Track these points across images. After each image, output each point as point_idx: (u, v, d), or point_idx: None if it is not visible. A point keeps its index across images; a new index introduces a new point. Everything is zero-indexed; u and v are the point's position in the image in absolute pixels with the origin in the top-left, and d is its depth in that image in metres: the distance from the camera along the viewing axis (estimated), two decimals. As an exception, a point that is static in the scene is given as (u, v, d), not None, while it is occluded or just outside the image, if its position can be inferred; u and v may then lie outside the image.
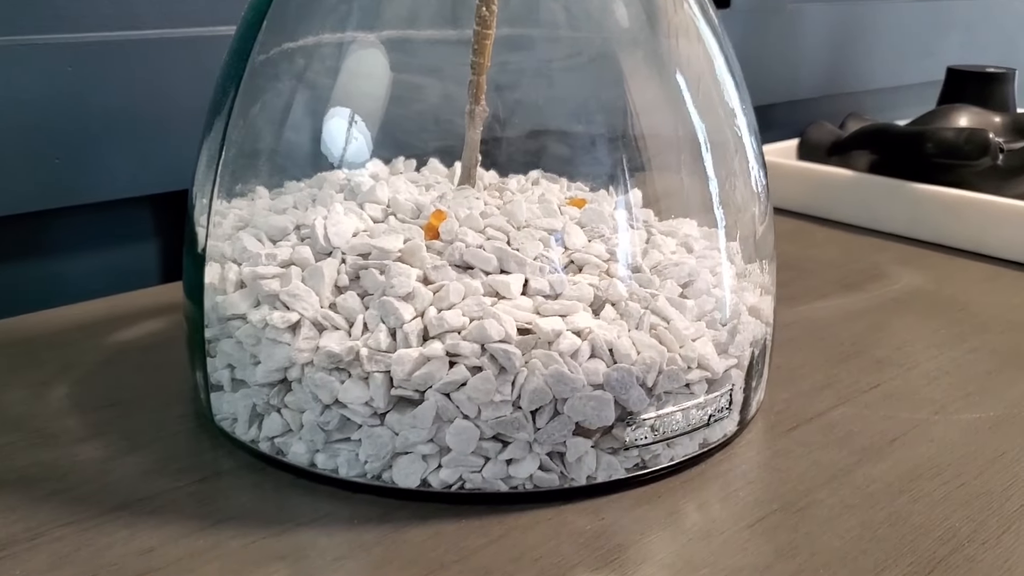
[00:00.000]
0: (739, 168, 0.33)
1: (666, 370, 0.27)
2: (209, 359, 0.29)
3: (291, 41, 0.31)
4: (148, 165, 0.43)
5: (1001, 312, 0.43)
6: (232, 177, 0.30)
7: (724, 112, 0.34)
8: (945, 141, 0.52)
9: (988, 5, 0.90)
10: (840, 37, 0.76)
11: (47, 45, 0.40)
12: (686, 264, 0.30)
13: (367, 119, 0.31)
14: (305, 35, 0.32)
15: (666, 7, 0.35)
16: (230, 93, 0.30)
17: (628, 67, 0.33)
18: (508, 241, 0.29)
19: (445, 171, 0.37)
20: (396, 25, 0.33)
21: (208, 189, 0.30)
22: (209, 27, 0.44)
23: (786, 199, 0.58)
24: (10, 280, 0.42)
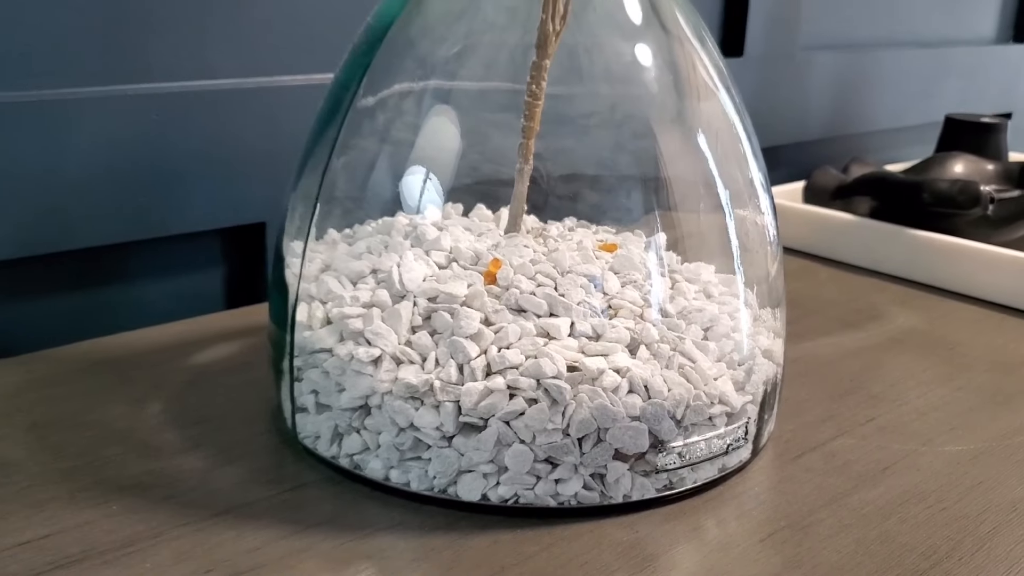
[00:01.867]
0: (752, 217, 0.38)
1: (692, 405, 0.32)
2: (296, 384, 0.34)
3: (378, 95, 0.36)
4: (219, 201, 0.48)
5: (986, 352, 0.47)
6: (319, 222, 0.35)
7: (739, 165, 0.39)
8: (940, 192, 0.57)
9: (985, 52, 0.95)
10: (845, 82, 0.81)
11: (136, 95, 0.44)
12: (708, 310, 0.35)
13: (439, 173, 0.36)
14: (389, 88, 0.36)
15: (687, 71, 0.39)
16: (328, 144, 0.34)
17: (656, 122, 0.38)
18: (555, 286, 0.34)
19: (491, 215, 0.42)
20: (469, 77, 0.38)
21: (296, 230, 0.35)
22: (275, 76, 0.49)
23: (793, 239, 0.62)
24: (96, 303, 0.47)
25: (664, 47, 0.37)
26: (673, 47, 0.38)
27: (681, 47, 0.38)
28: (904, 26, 0.88)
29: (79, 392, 0.38)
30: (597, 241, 0.39)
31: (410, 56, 0.36)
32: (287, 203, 0.37)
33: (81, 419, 0.36)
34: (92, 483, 0.32)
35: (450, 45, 0.36)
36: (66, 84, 0.43)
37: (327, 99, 0.36)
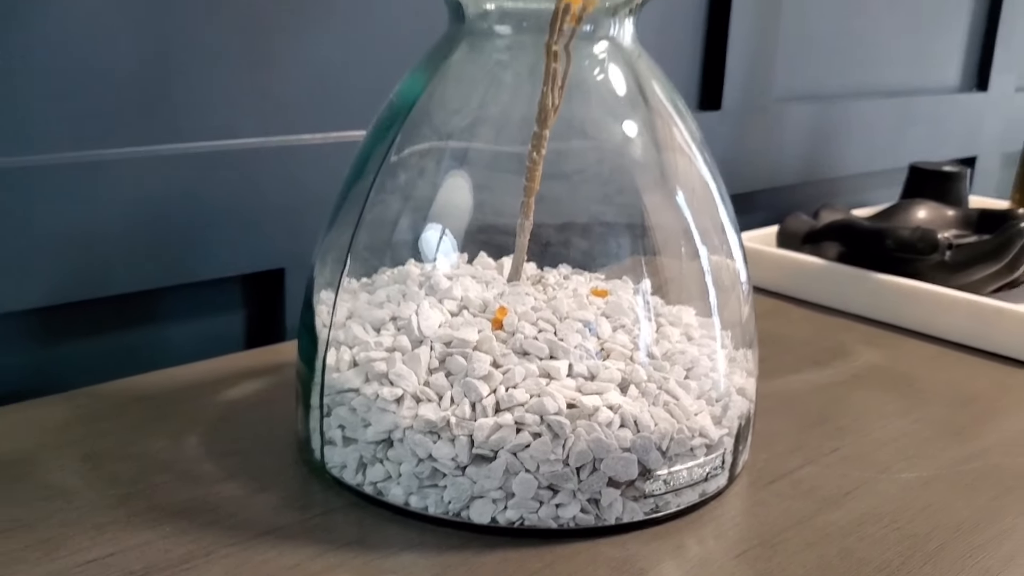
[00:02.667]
0: (725, 263, 0.42)
1: (676, 438, 0.36)
2: (325, 419, 0.38)
3: (401, 156, 0.40)
4: (241, 250, 0.52)
5: (942, 387, 0.52)
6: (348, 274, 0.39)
7: (712, 217, 0.43)
8: (902, 239, 0.62)
9: (949, 101, 1.01)
10: (817, 131, 0.86)
11: (168, 156, 0.49)
12: (689, 352, 0.39)
13: (453, 229, 0.40)
14: (411, 150, 0.40)
15: (666, 136, 0.43)
16: (358, 205, 0.39)
17: (639, 180, 0.42)
18: (555, 331, 0.38)
19: (493, 263, 0.46)
20: (479, 142, 0.42)
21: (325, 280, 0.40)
22: (293, 135, 0.53)
23: (767, 281, 0.67)
24: (129, 344, 0.51)
25: (646, 117, 0.42)
26: (653, 118, 0.42)
27: (660, 117, 0.42)
28: (872, 77, 0.94)
29: (122, 426, 0.42)
30: (591, 288, 0.43)
31: (428, 125, 0.40)
32: (315, 255, 0.41)
33: (127, 451, 0.40)
34: (145, 508, 0.36)
35: (463, 116, 0.41)
36: (104, 146, 0.47)
37: (355, 163, 0.40)
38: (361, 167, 0.40)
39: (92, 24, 0.46)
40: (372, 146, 0.40)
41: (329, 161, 0.54)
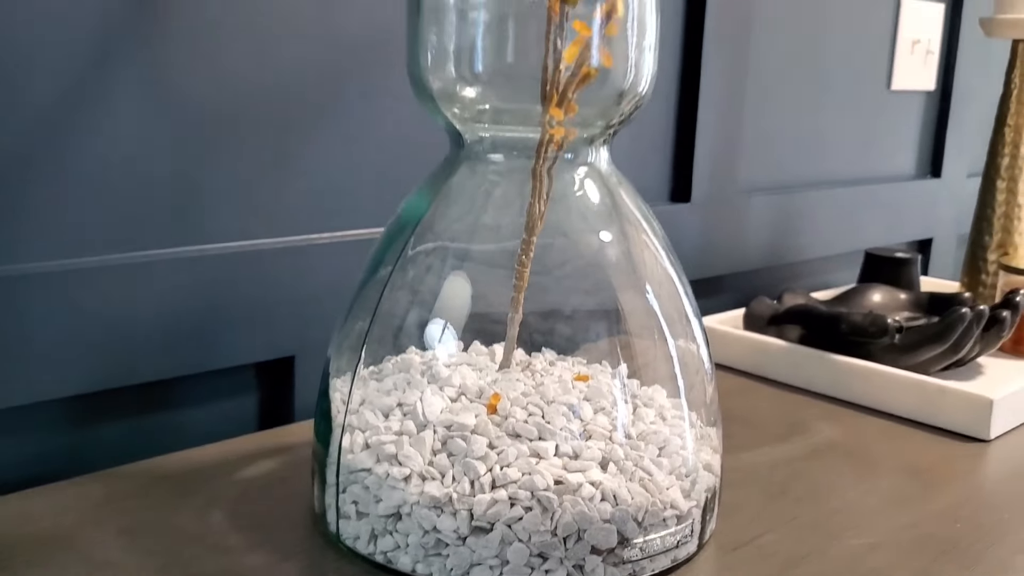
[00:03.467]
0: (690, 348, 0.48)
1: (650, 510, 0.41)
2: (340, 495, 0.43)
3: (409, 260, 0.46)
4: (254, 340, 0.57)
5: (891, 461, 0.57)
6: (362, 364, 0.45)
7: (677, 308, 0.48)
8: (855, 324, 0.68)
9: (905, 187, 1.08)
10: (780, 219, 0.93)
11: (193, 256, 0.54)
12: (662, 432, 0.45)
13: (454, 323, 0.45)
14: (417, 254, 0.46)
15: (636, 237, 0.49)
16: (370, 307, 0.44)
17: (613, 277, 0.48)
18: (543, 414, 0.43)
19: (485, 350, 0.51)
20: (476, 245, 0.47)
21: (339, 370, 0.45)
22: (304, 235, 0.59)
23: (734, 361, 0.73)
24: (153, 427, 0.56)
25: (618, 224, 0.48)
26: (624, 225, 0.48)
27: (630, 224, 0.48)
28: (831, 167, 1.01)
29: (152, 503, 0.47)
30: (574, 374, 0.49)
31: (432, 233, 0.46)
32: (331, 348, 0.46)
33: (159, 525, 0.45)
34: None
35: (463, 224, 0.46)
36: (136, 248, 0.53)
37: (368, 266, 0.46)
38: (374, 270, 0.46)
39: (134, 137, 0.52)
40: (383, 252, 0.46)
41: (334, 258, 0.59)
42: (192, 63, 0.53)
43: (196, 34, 0.53)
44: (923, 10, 1.04)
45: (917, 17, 1.04)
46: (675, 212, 0.82)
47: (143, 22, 0.51)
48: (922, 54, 1.06)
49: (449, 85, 0.44)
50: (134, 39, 0.51)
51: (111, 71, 0.51)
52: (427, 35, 0.43)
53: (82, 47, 0.50)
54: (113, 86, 0.51)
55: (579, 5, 0.41)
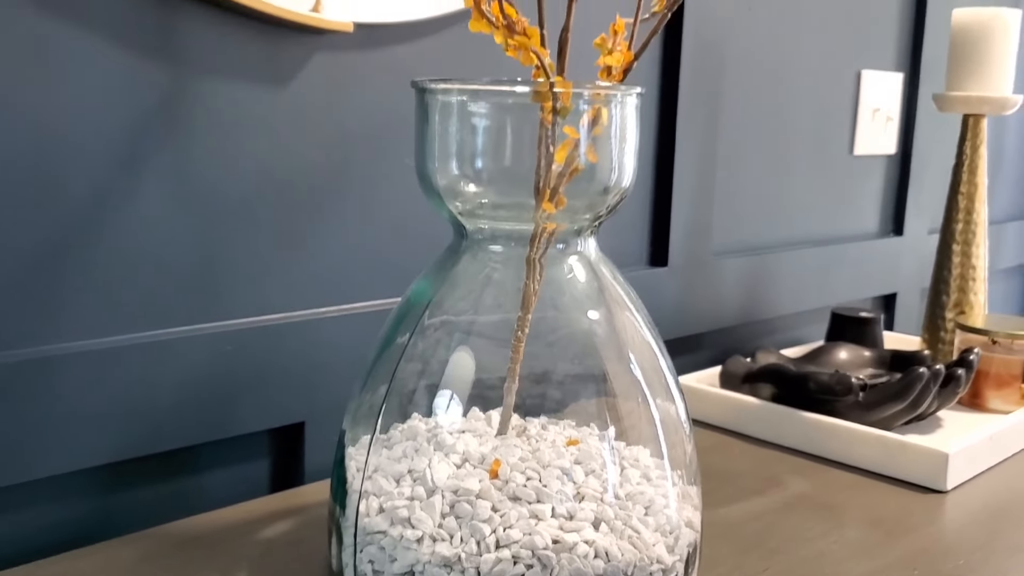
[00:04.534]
0: (670, 408, 0.52)
1: (638, 565, 0.46)
2: (358, 555, 0.47)
3: (418, 336, 0.50)
4: (267, 408, 0.62)
5: (857, 512, 0.62)
6: (376, 436, 0.49)
7: (657, 373, 0.53)
8: (822, 383, 0.73)
9: (869, 246, 1.14)
10: (752, 279, 0.99)
11: (212, 332, 0.59)
12: (647, 493, 0.50)
13: (459, 394, 0.50)
14: (426, 329, 0.51)
15: (619, 313, 0.54)
16: (385, 382, 0.49)
17: (600, 347, 0.53)
18: (540, 478, 0.48)
19: (483, 416, 0.56)
20: (479, 321, 0.52)
21: (354, 439, 0.49)
22: (313, 309, 0.64)
23: (712, 418, 0.78)
24: (174, 491, 0.60)
25: (604, 302, 0.53)
26: (609, 302, 0.53)
27: (614, 301, 0.53)
28: (799, 228, 1.07)
29: (180, 563, 0.51)
30: (566, 438, 0.53)
31: (439, 313, 0.51)
32: (345, 418, 0.51)
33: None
34: (216, 633, 0.45)
35: (466, 304, 0.51)
36: (161, 326, 0.57)
37: (380, 346, 0.51)
38: (386, 347, 0.50)
39: (159, 225, 0.57)
40: (394, 332, 0.50)
41: (341, 330, 0.64)
42: (212, 158, 0.58)
43: (215, 132, 0.58)
44: (882, 80, 1.11)
45: (877, 87, 1.11)
46: (654, 276, 0.88)
47: (168, 124, 0.57)
48: (882, 121, 1.12)
49: (453, 182, 0.49)
50: (160, 139, 0.56)
51: (139, 167, 0.56)
52: (434, 139, 0.48)
53: (115, 147, 0.55)
54: (141, 180, 0.56)
55: (570, 106, 0.47)
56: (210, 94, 0.58)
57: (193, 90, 0.57)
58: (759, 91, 0.97)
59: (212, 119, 0.58)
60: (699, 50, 0.87)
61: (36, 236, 0.53)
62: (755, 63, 0.95)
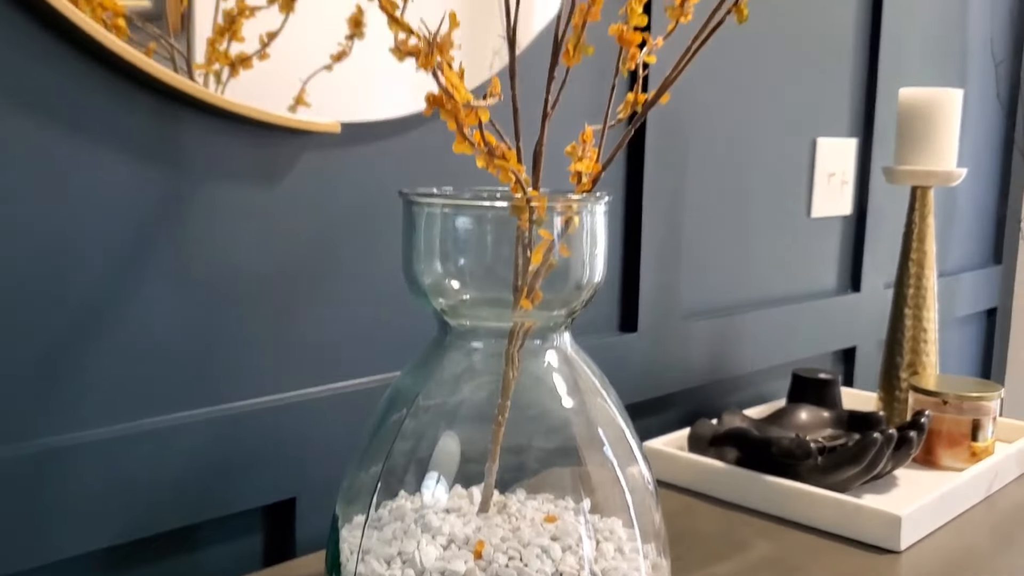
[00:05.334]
0: (639, 478, 0.56)
1: (613, 638, 0.50)
2: (352, 634, 0.51)
3: (406, 426, 0.54)
4: (260, 486, 0.65)
5: (817, 573, 0.66)
6: (369, 521, 0.53)
7: (625, 448, 0.57)
8: (783, 448, 0.78)
9: (829, 303, 1.20)
10: (718, 339, 1.03)
11: (209, 417, 0.62)
12: (621, 567, 0.53)
13: (446, 476, 0.54)
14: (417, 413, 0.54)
15: (592, 399, 0.58)
16: (378, 466, 0.52)
17: (573, 424, 0.57)
18: (520, 557, 0.52)
19: (465, 492, 0.60)
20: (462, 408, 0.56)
21: (347, 519, 0.53)
22: (303, 390, 0.67)
23: (680, 480, 0.82)
24: (172, 570, 0.63)
25: (577, 388, 0.57)
26: (581, 387, 0.57)
27: (588, 388, 0.57)
28: (762, 288, 1.12)
29: (183, 643, 0.54)
30: (544, 514, 0.57)
31: (426, 400, 0.55)
32: (338, 504, 0.54)
33: (193, 664, 0.52)
34: None
35: (451, 391, 0.55)
36: (160, 412, 0.61)
37: (369, 434, 0.54)
38: (375, 433, 0.54)
39: (160, 318, 0.60)
40: (381, 421, 0.54)
41: (329, 409, 0.68)
42: (209, 254, 0.62)
43: (212, 230, 0.62)
44: (837, 146, 1.17)
45: (832, 153, 1.16)
46: (624, 341, 0.92)
47: (168, 224, 0.60)
48: (838, 184, 1.18)
49: (437, 281, 0.53)
50: (160, 238, 0.60)
51: (141, 265, 0.59)
52: (420, 243, 0.53)
53: (118, 246, 0.58)
54: (142, 277, 0.59)
55: (545, 216, 0.51)
56: (207, 194, 0.62)
57: (191, 192, 0.61)
58: (721, 159, 1.02)
59: (209, 218, 0.62)
60: (663, 122, 0.92)
61: (44, 334, 0.56)
62: (716, 132, 1.01)
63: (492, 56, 0.77)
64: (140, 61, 0.57)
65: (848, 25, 1.17)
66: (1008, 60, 1.54)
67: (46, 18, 0.54)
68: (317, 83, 0.66)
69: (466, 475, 0.58)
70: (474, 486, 0.58)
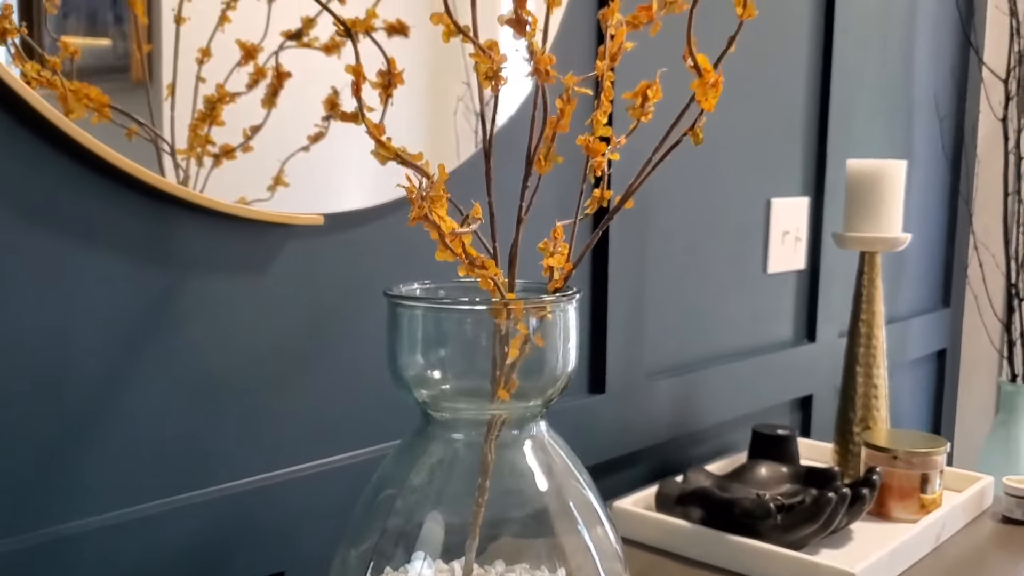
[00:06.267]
0: (607, 553, 0.60)
1: None
2: None
3: (394, 508, 0.58)
4: (251, 561, 0.68)
5: (778, 634, 0.71)
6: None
7: (599, 524, 0.61)
8: (744, 508, 0.82)
9: (786, 354, 1.25)
10: (682, 396, 1.08)
11: (201, 501, 0.65)
12: (595, 639, 0.57)
13: (431, 554, 0.57)
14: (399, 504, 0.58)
15: (567, 482, 0.62)
16: (367, 549, 0.56)
17: (549, 503, 0.61)
18: (501, 634, 0.56)
19: (447, 567, 0.63)
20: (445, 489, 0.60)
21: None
22: (286, 468, 0.71)
23: (647, 539, 0.86)
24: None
25: (551, 473, 0.61)
26: (554, 469, 0.61)
27: (560, 470, 0.61)
28: (723, 344, 1.17)
29: None
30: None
31: (410, 485, 0.58)
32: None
33: None
34: None
35: (434, 478, 0.59)
36: (156, 497, 0.64)
37: (355, 519, 0.58)
38: (362, 516, 0.58)
39: (153, 406, 0.63)
40: (369, 503, 0.58)
41: (316, 484, 0.71)
42: (199, 343, 0.66)
43: (201, 321, 0.66)
44: (790, 205, 1.23)
45: (785, 212, 1.22)
46: (593, 402, 0.96)
47: (161, 318, 0.64)
48: (792, 242, 1.24)
49: (419, 373, 0.57)
50: (154, 332, 0.63)
51: (135, 358, 0.63)
52: (403, 339, 0.56)
53: (113, 341, 0.62)
54: (136, 369, 0.63)
55: (521, 310, 0.55)
56: (196, 287, 0.65)
57: (181, 285, 0.64)
58: (680, 223, 1.07)
59: (199, 309, 0.65)
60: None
61: (43, 428, 0.59)
62: (675, 198, 1.06)
63: (456, 107, 0.81)
64: (130, 167, 0.60)
65: (799, 88, 1.23)
66: (951, 115, 1.61)
67: (43, 130, 0.57)
68: (297, 164, 0.69)
69: (448, 548, 0.62)
70: (455, 560, 0.61)
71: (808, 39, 1.23)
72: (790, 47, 1.20)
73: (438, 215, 0.47)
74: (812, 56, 1.24)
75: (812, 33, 1.23)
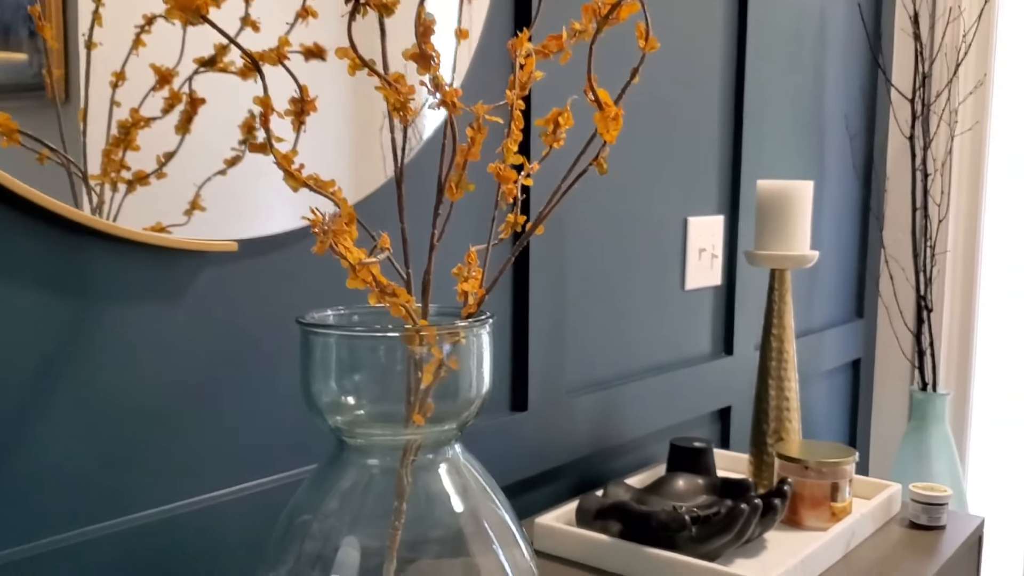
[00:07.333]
0: (524, 569, 0.61)
1: None
2: None
3: (310, 533, 0.58)
4: (167, 588, 0.68)
5: (692, 644, 0.73)
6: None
7: (516, 544, 0.63)
8: (660, 521, 0.84)
9: (705, 367, 1.28)
10: (602, 411, 1.10)
11: (118, 531, 0.65)
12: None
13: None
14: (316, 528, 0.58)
15: (479, 503, 0.63)
16: (286, 564, 0.56)
17: (464, 525, 0.62)
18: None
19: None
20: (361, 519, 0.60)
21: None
22: (208, 494, 0.70)
23: (568, 553, 0.87)
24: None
25: (467, 494, 0.62)
26: (470, 493, 0.62)
27: (475, 494, 0.62)
28: (642, 360, 1.19)
29: None
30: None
31: (327, 510, 0.59)
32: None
33: None
34: None
35: (350, 503, 0.59)
36: (69, 529, 0.63)
37: (276, 543, 0.58)
38: (278, 544, 0.58)
39: (68, 437, 0.63)
40: (285, 531, 0.58)
41: (231, 513, 0.71)
42: (114, 372, 0.65)
43: (116, 350, 0.65)
44: (706, 224, 1.26)
45: (701, 230, 1.25)
46: (515, 420, 0.97)
47: (74, 349, 0.63)
48: (708, 259, 1.27)
49: (334, 399, 0.57)
50: (67, 363, 0.63)
51: (48, 389, 0.62)
52: (316, 367, 0.57)
53: (26, 374, 0.61)
54: (49, 401, 0.62)
55: (434, 336, 0.56)
56: (111, 316, 0.65)
57: (96, 315, 0.64)
58: (599, 244, 1.09)
59: (113, 338, 0.65)
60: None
61: (-47, 460, 0.58)
62: (594, 219, 1.08)
63: (382, 123, 0.81)
64: (39, 198, 0.60)
65: (714, 108, 1.26)
66: (862, 134, 1.67)
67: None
68: (215, 188, 0.69)
69: (367, 571, 0.62)
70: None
71: (721, 62, 1.27)
72: (704, 70, 1.24)
73: (344, 247, 0.47)
74: (725, 78, 1.28)
75: (725, 56, 1.27)
